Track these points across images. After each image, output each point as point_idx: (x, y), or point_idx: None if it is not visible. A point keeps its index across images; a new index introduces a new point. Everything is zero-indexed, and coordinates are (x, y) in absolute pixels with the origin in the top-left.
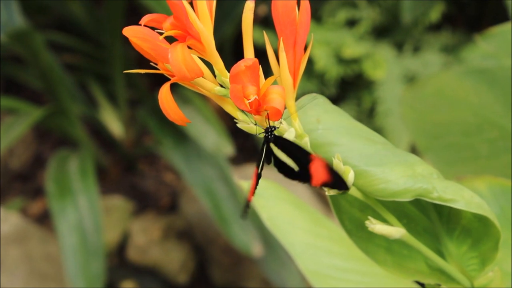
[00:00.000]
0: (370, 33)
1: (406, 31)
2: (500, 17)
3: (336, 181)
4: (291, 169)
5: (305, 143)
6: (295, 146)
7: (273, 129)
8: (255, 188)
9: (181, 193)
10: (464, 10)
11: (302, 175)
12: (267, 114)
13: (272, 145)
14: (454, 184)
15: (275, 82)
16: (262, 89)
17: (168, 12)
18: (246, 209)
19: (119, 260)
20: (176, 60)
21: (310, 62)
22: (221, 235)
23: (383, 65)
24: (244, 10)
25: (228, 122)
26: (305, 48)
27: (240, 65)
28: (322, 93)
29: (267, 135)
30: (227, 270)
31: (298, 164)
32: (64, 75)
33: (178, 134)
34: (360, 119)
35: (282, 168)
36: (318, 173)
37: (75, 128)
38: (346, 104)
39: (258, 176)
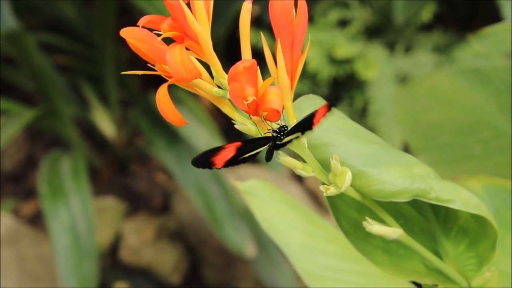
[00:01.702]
0: (362, 33)
1: (398, 31)
2: (491, 17)
3: (333, 97)
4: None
5: (303, 143)
6: (302, 121)
7: (285, 129)
8: (229, 161)
9: (173, 193)
10: (455, 10)
11: (304, 130)
12: (264, 116)
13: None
14: (451, 184)
15: (272, 83)
16: (260, 91)
17: (160, 13)
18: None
19: (111, 261)
20: (174, 62)
21: None
22: (213, 235)
23: (375, 65)
24: (242, 11)
25: (220, 122)
26: (302, 49)
27: (239, 66)
28: (314, 94)
29: (279, 135)
30: (219, 270)
31: (303, 128)
32: (56, 76)
33: (170, 134)
34: (352, 119)
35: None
36: (319, 116)
37: (67, 129)
38: (338, 104)
39: (236, 156)
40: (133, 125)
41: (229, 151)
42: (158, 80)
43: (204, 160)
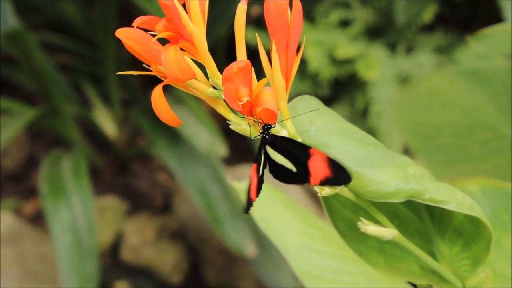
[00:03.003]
0: (363, 33)
1: (399, 32)
2: (492, 18)
3: (339, 174)
4: (288, 172)
5: None
6: (293, 142)
7: (269, 127)
8: (259, 187)
9: (174, 193)
10: (457, 11)
11: (300, 175)
12: (261, 120)
13: (268, 148)
14: (445, 186)
15: (267, 84)
16: (255, 91)
17: (161, 13)
18: (249, 206)
19: (112, 261)
20: (169, 62)
21: (303, 62)
22: (214, 235)
23: (376, 65)
24: (237, 12)
25: (222, 122)
26: (298, 50)
27: (233, 67)
28: (315, 94)
29: (263, 135)
30: (220, 270)
31: (296, 163)
32: (57, 75)
33: (172, 134)
34: (353, 120)
35: (278, 173)
36: (318, 168)
37: (68, 129)
38: (339, 104)
39: (260, 177)
40: (134, 125)
41: (253, 178)
42: (160, 80)
43: (250, 204)
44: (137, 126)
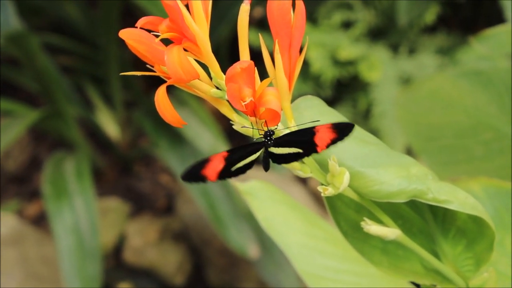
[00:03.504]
0: (365, 35)
1: (402, 33)
2: (495, 19)
3: (343, 130)
4: (293, 154)
5: None
6: (296, 133)
7: (272, 133)
8: (222, 174)
9: (177, 194)
10: (459, 12)
11: (306, 152)
12: (264, 122)
13: (271, 149)
14: (448, 185)
15: (270, 84)
16: (258, 91)
17: (163, 14)
18: (193, 177)
19: (115, 262)
20: (172, 62)
21: (305, 64)
22: (217, 236)
23: (379, 67)
24: (240, 12)
25: (224, 123)
26: (301, 50)
27: (236, 67)
28: (318, 95)
29: (266, 140)
30: (223, 271)
31: (302, 145)
32: (60, 77)
33: (174, 135)
34: (356, 121)
35: (282, 159)
36: (324, 137)
37: (71, 130)
38: (341, 106)
39: (227, 168)
40: (137, 126)
41: (217, 162)
42: (162, 81)
43: (194, 175)
44: (139, 127)
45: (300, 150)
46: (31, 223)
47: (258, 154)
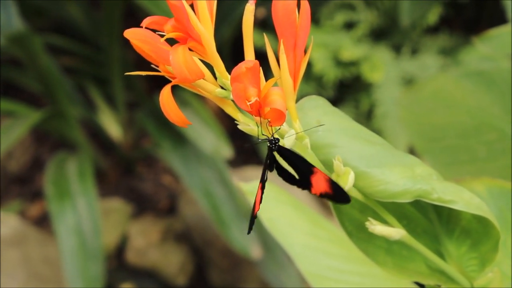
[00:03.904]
0: (368, 35)
1: (404, 34)
2: (497, 20)
3: (337, 194)
4: (292, 176)
5: (305, 144)
6: (298, 157)
7: (277, 141)
8: (260, 202)
9: (179, 195)
10: (461, 12)
11: (303, 183)
12: (269, 121)
13: (275, 154)
14: (453, 185)
15: (275, 84)
16: (263, 91)
17: (166, 14)
18: (252, 224)
19: (117, 263)
20: (178, 62)
21: (308, 64)
22: (219, 237)
23: (381, 67)
24: (245, 13)
25: (227, 124)
26: (305, 50)
27: (241, 66)
28: (320, 96)
29: (271, 146)
30: (225, 272)
31: (299, 173)
32: (62, 77)
33: (177, 136)
34: (358, 122)
35: (283, 174)
36: (319, 184)
37: (73, 131)
38: (344, 106)
39: (262, 190)
40: (139, 127)
41: (259, 196)
42: (165, 82)
43: (253, 220)
44: (142, 128)
45: (297, 176)
46: (33, 223)
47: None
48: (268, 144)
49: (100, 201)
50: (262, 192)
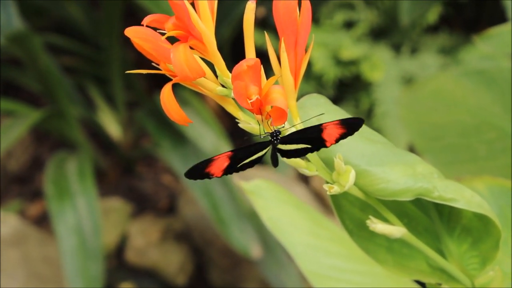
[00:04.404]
0: (367, 34)
1: (404, 33)
2: (497, 19)
3: (351, 125)
4: (302, 149)
5: None
6: (303, 131)
7: (278, 133)
8: (227, 170)
9: (179, 195)
10: (461, 11)
11: (315, 147)
12: (270, 119)
13: (279, 145)
14: (454, 184)
15: (276, 83)
16: (264, 89)
17: (166, 14)
18: (198, 174)
19: (117, 262)
20: (178, 60)
21: (308, 64)
22: (219, 236)
23: (381, 66)
24: (245, 11)
25: (227, 124)
26: (306, 49)
27: (242, 65)
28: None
29: (273, 140)
30: (225, 271)
31: (310, 141)
32: (62, 77)
33: (176, 135)
34: None
35: (291, 155)
36: (332, 133)
37: (73, 130)
38: (344, 105)
39: (232, 165)
40: (139, 127)
41: (222, 161)
42: (164, 81)
43: (198, 172)
44: (141, 127)
45: (309, 146)
46: (33, 223)
47: (264, 152)
48: (270, 138)
49: (100, 200)
50: (231, 162)
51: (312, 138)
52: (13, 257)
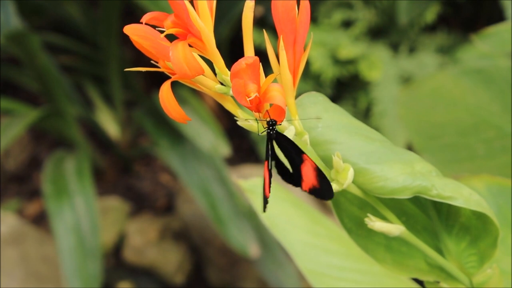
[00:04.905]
0: (365, 34)
1: (402, 32)
2: (495, 18)
3: (323, 188)
4: (287, 171)
5: (305, 140)
6: (291, 144)
7: (274, 122)
8: (270, 182)
9: (177, 194)
10: (459, 11)
11: (296, 178)
12: (267, 113)
13: (274, 144)
14: (452, 182)
15: (275, 81)
16: (263, 87)
17: (165, 12)
18: (265, 204)
19: (115, 261)
20: (177, 58)
21: (306, 63)
22: (217, 236)
23: (379, 66)
24: (244, 9)
25: (225, 122)
26: (304, 47)
27: (241, 62)
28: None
29: (269, 130)
30: (223, 270)
31: (292, 164)
32: (60, 76)
33: (174, 135)
34: None
35: (280, 169)
36: (308, 176)
37: (71, 129)
38: (342, 104)
39: (270, 173)
40: (137, 126)
41: (267, 175)
42: (162, 81)
43: (266, 201)
44: (139, 126)
45: (291, 169)
46: (31, 222)
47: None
48: (266, 128)
49: (98, 199)
50: (270, 173)
51: (294, 162)
52: (11, 256)
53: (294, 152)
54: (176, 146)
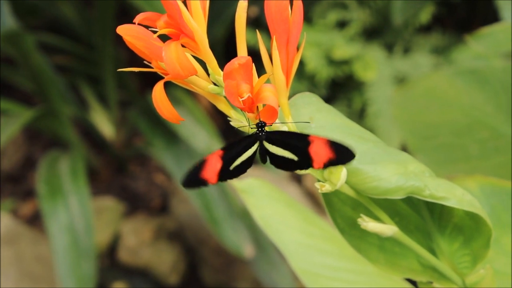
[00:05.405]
0: (360, 34)
1: (397, 33)
2: (490, 19)
3: (342, 154)
4: (289, 161)
5: None
6: (290, 134)
7: (263, 124)
8: (222, 174)
9: (172, 194)
10: (454, 11)
11: (302, 162)
12: (259, 113)
13: (265, 143)
14: (445, 182)
15: (268, 81)
16: (256, 87)
17: (159, 12)
18: (193, 183)
19: (110, 261)
20: (170, 58)
21: (300, 63)
22: (212, 236)
23: (374, 66)
24: (237, 9)
25: (219, 123)
26: (298, 48)
27: (234, 63)
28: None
29: (257, 132)
30: (218, 271)
31: (297, 152)
32: (55, 76)
33: (169, 135)
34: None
35: (279, 163)
36: (320, 153)
37: (66, 129)
38: (336, 105)
39: (226, 168)
40: (131, 126)
41: (214, 161)
42: (157, 81)
43: (194, 179)
44: (134, 127)
45: (295, 158)
46: (25, 222)
47: (254, 148)
48: (255, 130)
49: (92, 199)
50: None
51: (298, 149)
52: (5, 256)
53: (297, 139)
54: (170, 146)
